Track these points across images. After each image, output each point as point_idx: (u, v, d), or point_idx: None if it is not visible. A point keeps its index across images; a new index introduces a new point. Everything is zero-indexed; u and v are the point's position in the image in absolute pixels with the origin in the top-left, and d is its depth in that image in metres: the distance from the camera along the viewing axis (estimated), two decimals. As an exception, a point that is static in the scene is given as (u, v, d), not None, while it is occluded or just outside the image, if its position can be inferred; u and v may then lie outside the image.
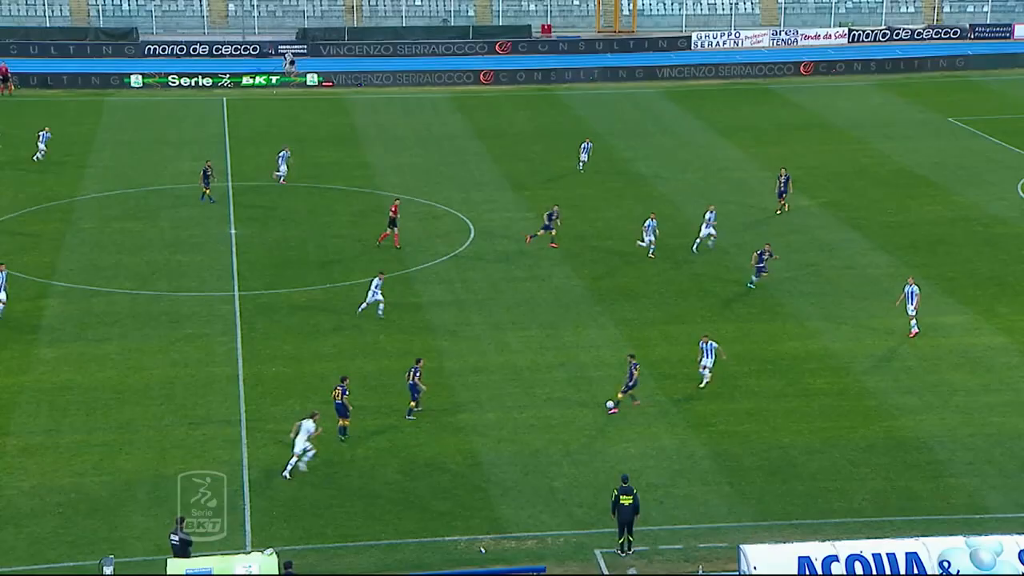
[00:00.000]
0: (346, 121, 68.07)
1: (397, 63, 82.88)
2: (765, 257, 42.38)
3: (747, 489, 30.03)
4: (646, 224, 45.79)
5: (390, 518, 28.83)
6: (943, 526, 27.38)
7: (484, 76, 79.21)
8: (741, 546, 25.08)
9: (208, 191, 51.88)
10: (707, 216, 46.26)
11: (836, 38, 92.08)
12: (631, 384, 33.47)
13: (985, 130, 64.43)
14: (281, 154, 54.62)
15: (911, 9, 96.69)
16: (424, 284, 43.31)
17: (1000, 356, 36.88)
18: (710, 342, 34.95)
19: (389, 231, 46.84)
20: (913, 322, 38.44)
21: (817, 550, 24.50)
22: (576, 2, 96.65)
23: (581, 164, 57.22)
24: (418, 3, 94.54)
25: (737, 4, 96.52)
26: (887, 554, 24.48)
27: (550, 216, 47.19)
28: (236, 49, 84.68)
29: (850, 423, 32.78)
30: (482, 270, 44.90)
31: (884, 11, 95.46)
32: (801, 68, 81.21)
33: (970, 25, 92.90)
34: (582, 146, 57.73)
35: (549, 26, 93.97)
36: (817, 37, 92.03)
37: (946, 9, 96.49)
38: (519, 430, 32.89)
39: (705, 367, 34.90)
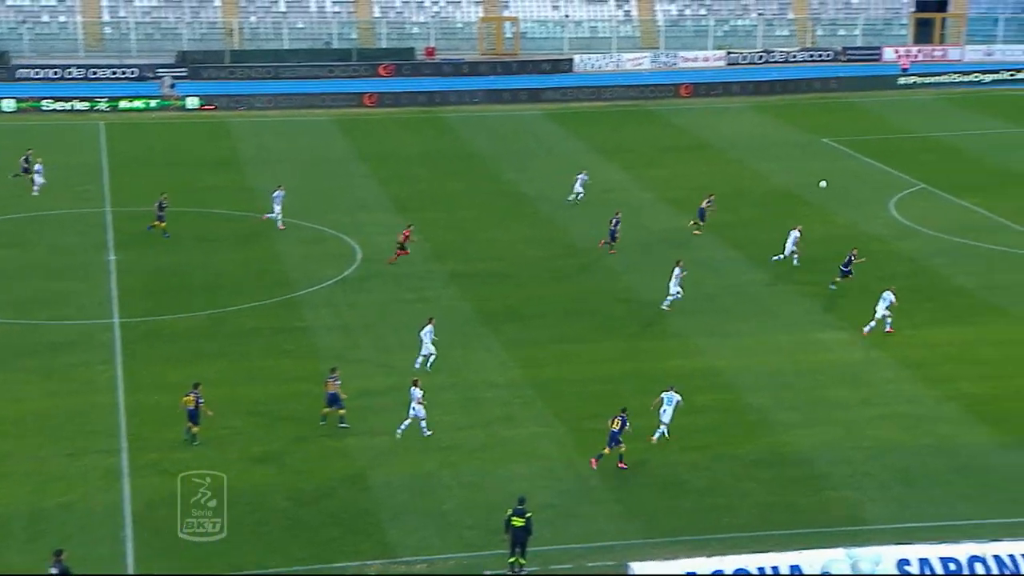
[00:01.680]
0: (228, 144, 67.26)
1: (279, 86, 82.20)
2: (852, 261, 43.80)
3: (636, 507, 30.31)
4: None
5: (279, 546, 28.43)
6: (825, 538, 27.92)
7: (368, 99, 79.00)
8: (629, 564, 25.31)
9: (162, 224, 49.70)
10: (793, 234, 46.84)
11: (714, 61, 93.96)
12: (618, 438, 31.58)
13: (858, 150, 66.28)
14: (276, 194, 52.04)
15: (786, 32, 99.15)
16: (310, 308, 42.92)
17: (877, 370, 37.87)
18: (673, 393, 33.02)
19: (401, 253, 46.93)
20: (873, 323, 39.88)
21: (704, 566, 24.86)
22: (459, 25, 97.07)
23: (576, 196, 55.70)
24: (300, 26, 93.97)
25: (618, 27, 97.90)
26: (771, 567, 24.97)
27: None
28: (113, 72, 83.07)
29: (735, 439, 33.34)
30: (369, 293, 44.67)
31: (760, 34, 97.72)
32: (681, 90, 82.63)
33: (842, 48, 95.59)
34: (578, 177, 56.46)
35: (432, 49, 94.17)
36: (696, 60, 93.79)
37: (819, 32, 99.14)
38: (409, 453, 32.74)
39: (662, 423, 32.86)
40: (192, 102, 75.95)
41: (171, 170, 55.52)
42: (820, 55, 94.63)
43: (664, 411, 32.96)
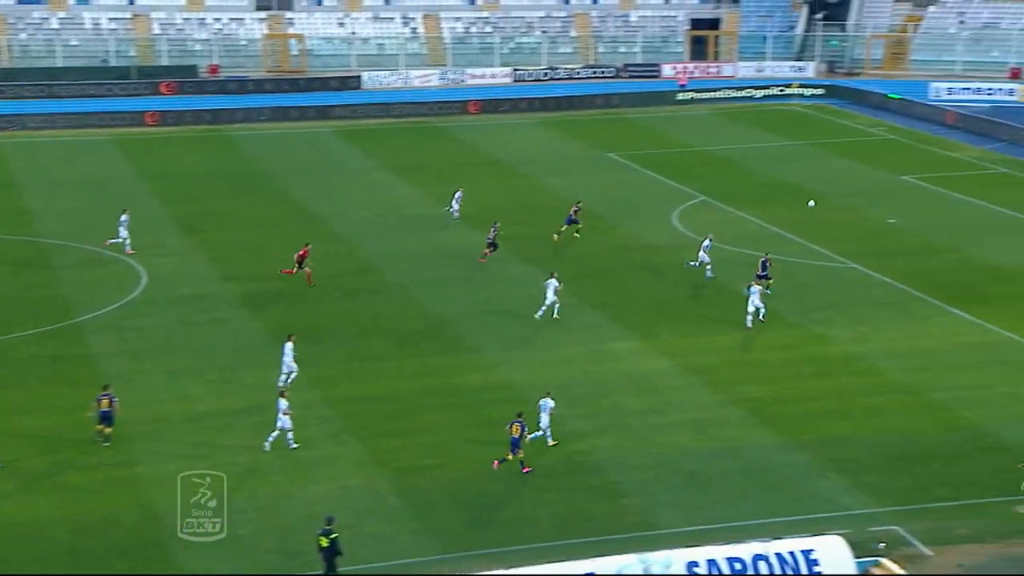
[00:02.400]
0: (0, 166, 64.24)
1: (54, 105, 79.16)
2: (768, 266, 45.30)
3: (434, 523, 30.26)
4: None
5: (63, 583, 27.23)
6: (620, 545, 28.41)
7: (150, 117, 76.85)
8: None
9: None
10: (704, 243, 47.99)
11: (501, 77, 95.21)
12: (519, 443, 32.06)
13: (641, 164, 68.17)
14: (122, 218, 50.08)
15: (569, 50, 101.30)
16: (94, 334, 41.33)
17: (665, 378, 38.90)
18: (548, 400, 33.62)
19: (297, 269, 45.91)
20: (749, 318, 42.04)
21: (500, 579, 24.97)
22: (243, 42, 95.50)
23: (453, 211, 55.44)
24: (74, 43, 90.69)
25: (405, 44, 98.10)
26: (567, 576, 25.29)
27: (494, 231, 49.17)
28: None
29: (531, 451, 33.66)
30: (156, 316, 43.35)
31: (545, 51, 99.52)
32: (469, 107, 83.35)
33: (623, 64, 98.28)
34: (455, 194, 56.02)
35: (216, 66, 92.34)
36: (483, 77, 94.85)
37: (600, 49, 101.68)
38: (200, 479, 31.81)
39: (542, 428, 33.53)
40: (-41, 121, 72.37)
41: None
42: (602, 72, 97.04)
43: (540, 418, 33.64)
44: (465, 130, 78.08)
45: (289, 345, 37.28)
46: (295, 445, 33.31)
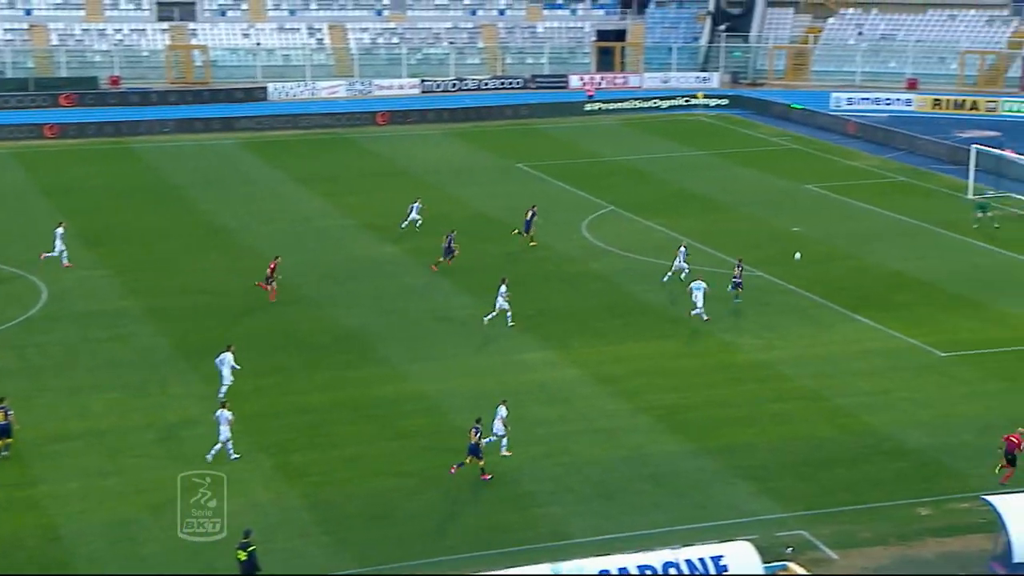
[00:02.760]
0: None
1: (-53, 117, 77.29)
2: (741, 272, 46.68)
3: (347, 537, 30.07)
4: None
5: (-37, 609, 26.57)
6: (533, 555, 28.52)
7: (49, 130, 75.42)
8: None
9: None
10: (680, 251, 48.77)
11: (409, 88, 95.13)
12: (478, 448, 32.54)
13: (550, 174, 68.55)
14: (57, 231, 49.24)
15: (476, 61, 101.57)
16: (-8, 352, 40.41)
17: (575, 388, 39.12)
18: (502, 407, 34.15)
19: (268, 286, 45.27)
20: (700, 311, 43.66)
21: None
22: (145, 53, 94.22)
23: (411, 222, 55.45)
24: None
25: (311, 55, 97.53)
26: (481, 587, 25.27)
27: (450, 241, 49.53)
28: None
29: (444, 462, 33.63)
30: (57, 333, 42.51)
31: (452, 62, 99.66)
32: (377, 118, 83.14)
33: (531, 75, 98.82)
34: (411, 206, 55.94)
35: (117, 78, 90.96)
36: (391, 88, 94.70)
37: (508, 60, 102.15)
38: (105, 498, 31.29)
39: (496, 434, 33.98)
40: None
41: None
42: (510, 83, 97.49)
43: (494, 424, 33.94)
44: (373, 141, 77.84)
45: (228, 356, 37.14)
46: (235, 456, 33.09)
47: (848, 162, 72.71)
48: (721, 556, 26.23)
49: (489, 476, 32.74)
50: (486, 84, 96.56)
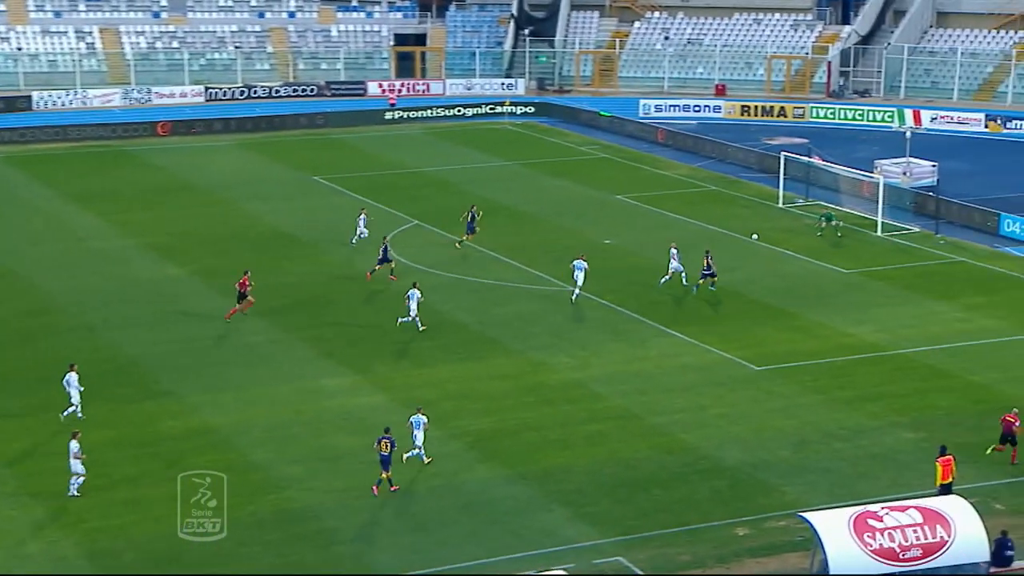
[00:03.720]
0: None
1: None
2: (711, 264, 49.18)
3: (131, 587, 29.10)
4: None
5: None
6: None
7: None
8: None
9: None
10: (672, 251, 50.65)
11: (193, 96, 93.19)
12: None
13: (349, 187, 68.08)
14: None
15: (266, 67, 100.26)
16: None
17: (380, 415, 38.74)
18: (420, 416, 35.14)
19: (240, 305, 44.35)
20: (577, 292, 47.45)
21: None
22: None
23: (359, 236, 55.07)
24: None
25: (81, 61, 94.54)
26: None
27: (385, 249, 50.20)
28: None
29: (237, 500, 32.75)
30: None
31: (239, 68, 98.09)
32: (158, 128, 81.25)
33: (326, 82, 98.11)
34: (359, 218, 55.61)
35: None
36: (173, 96, 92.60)
37: (300, 66, 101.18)
38: None
39: (417, 447, 34.84)
40: None
41: None
42: (304, 90, 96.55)
43: (415, 435, 34.64)
44: (155, 154, 75.95)
45: (74, 376, 36.62)
46: (76, 494, 32.54)
47: (658, 171, 74.54)
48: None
49: (397, 488, 33.45)
50: (278, 91, 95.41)
